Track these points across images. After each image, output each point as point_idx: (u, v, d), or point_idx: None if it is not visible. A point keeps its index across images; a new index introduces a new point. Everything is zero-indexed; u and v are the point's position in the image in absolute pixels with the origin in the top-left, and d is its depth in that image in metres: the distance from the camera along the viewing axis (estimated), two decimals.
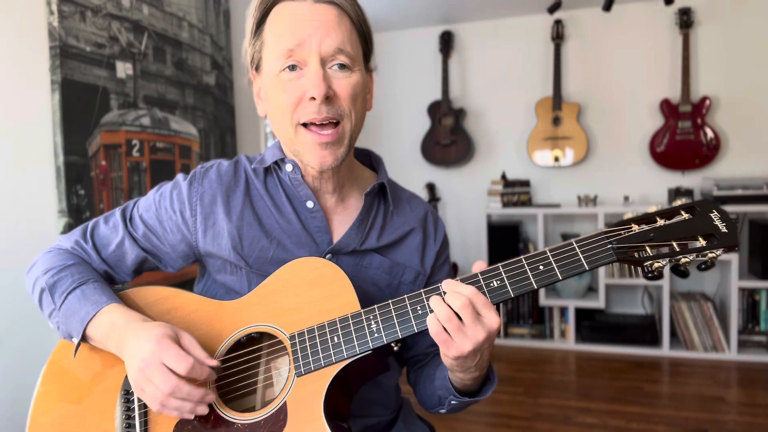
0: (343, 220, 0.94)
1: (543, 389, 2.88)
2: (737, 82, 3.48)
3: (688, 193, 3.29)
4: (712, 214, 0.73)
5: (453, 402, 0.87)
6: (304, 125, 0.82)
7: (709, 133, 3.43)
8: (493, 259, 3.62)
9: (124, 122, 1.93)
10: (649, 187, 3.68)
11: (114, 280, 0.97)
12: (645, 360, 3.27)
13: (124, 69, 1.93)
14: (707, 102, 3.44)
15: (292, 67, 0.81)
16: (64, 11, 1.69)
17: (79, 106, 1.75)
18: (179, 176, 0.95)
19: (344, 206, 0.95)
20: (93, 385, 0.88)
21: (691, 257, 0.72)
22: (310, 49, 0.80)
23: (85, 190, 1.77)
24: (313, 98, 0.79)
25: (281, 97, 0.82)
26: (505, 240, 3.63)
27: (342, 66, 0.82)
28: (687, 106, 3.45)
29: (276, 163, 0.92)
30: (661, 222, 0.74)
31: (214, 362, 0.78)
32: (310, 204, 0.91)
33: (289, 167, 0.90)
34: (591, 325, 3.49)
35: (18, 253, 1.57)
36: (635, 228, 0.74)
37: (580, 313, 3.57)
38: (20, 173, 1.61)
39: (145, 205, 0.95)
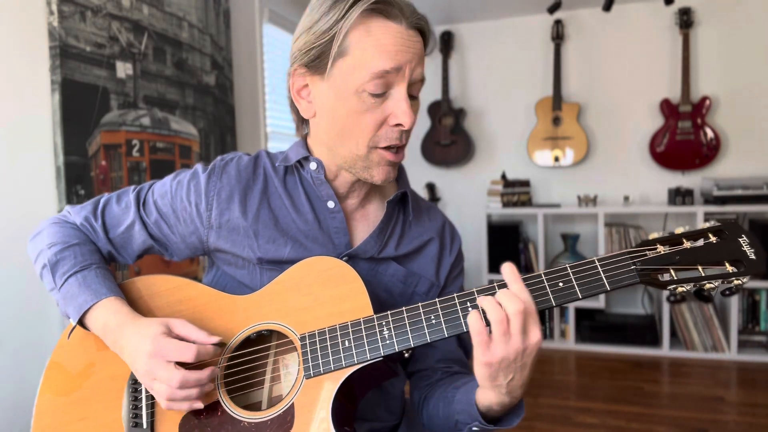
0: (361, 225, 0.93)
1: (543, 389, 2.88)
2: (737, 82, 3.48)
3: (688, 193, 3.29)
4: (740, 239, 0.71)
5: (474, 429, 0.81)
6: (379, 147, 0.82)
7: (709, 133, 3.43)
8: (493, 259, 3.62)
9: (124, 122, 1.93)
10: (649, 187, 3.68)
11: (117, 262, 0.96)
12: (645, 360, 3.27)
13: (124, 69, 1.93)
14: (707, 102, 3.44)
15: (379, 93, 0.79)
16: (64, 11, 1.69)
17: (79, 106, 1.75)
18: (198, 167, 0.93)
19: (364, 211, 0.94)
20: (99, 372, 0.87)
21: (716, 283, 0.69)
22: (403, 75, 0.79)
23: (85, 190, 1.77)
24: (399, 125, 0.80)
25: (361, 117, 0.80)
26: (505, 240, 3.63)
27: (415, 95, 0.84)
28: (687, 106, 3.45)
29: (298, 161, 0.91)
30: (687, 244, 0.71)
31: (215, 339, 0.79)
32: (331, 204, 0.90)
33: (313, 166, 0.90)
34: (591, 325, 3.49)
35: (18, 254, 1.57)
36: (660, 249, 0.72)
37: (580, 313, 3.57)
38: (20, 173, 1.61)
39: (160, 191, 0.93)
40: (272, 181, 0.92)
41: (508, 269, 0.72)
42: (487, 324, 0.70)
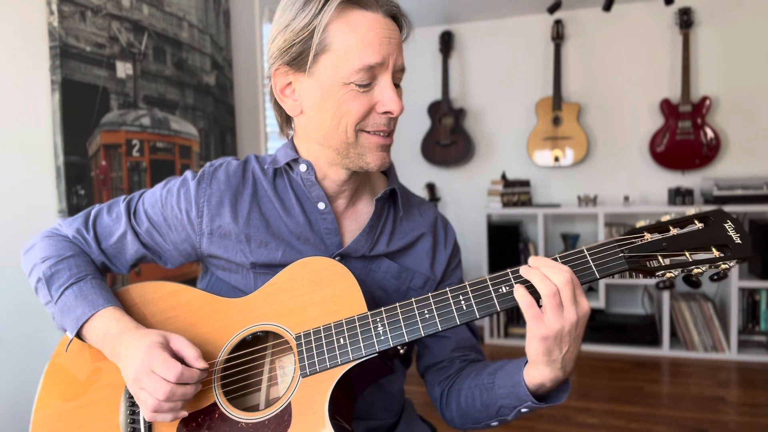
0: (352, 224, 0.93)
1: None
2: (737, 82, 3.48)
3: (688, 193, 3.29)
4: (726, 224, 0.72)
5: (523, 410, 0.80)
6: (366, 131, 0.83)
7: (709, 133, 3.43)
8: (493, 259, 3.62)
9: (124, 122, 1.93)
10: (649, 187, 3.68)
11: (110, 272, 0.97)
12: (645, 360, 3.27)
13: (124, 69, 1.93)
14: (707, 102, 3.44)
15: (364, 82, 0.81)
16: (64, 11, 1.69)
17: (79, 106, 1.75)
18: (188, 174, 0.93)
19: (354, 210, 0.94)
20: (97, 379, 0.88)
21: (703, 268, 0.71)
22: (387, 66, 0.81)
23: (85, 190, 1.77)
24: (388, 112, 0.82)
25: (348, 105, 0.81)
26: (505, 240, 3.63)
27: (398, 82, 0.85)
28: (687, 106, 3.45)
29: (287, 163, 0.91)
30: (674, 231, 0.73)
31: (203, 364, 0.78)
32: (321, 205, 0.90)
33: (303, 167, 0.89)
34: (591, 325, 3.49)
35: (18, 254, 1.57)
36: (648, 236, 0.73)
37: None
38: (20, 173, 1.61)
39: (151, 200, 0.93)
40: (262, 184, 0.92)
41: (534, 259, 0.73)
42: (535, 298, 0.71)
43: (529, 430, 2.46)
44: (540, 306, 0.71)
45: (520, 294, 0.71)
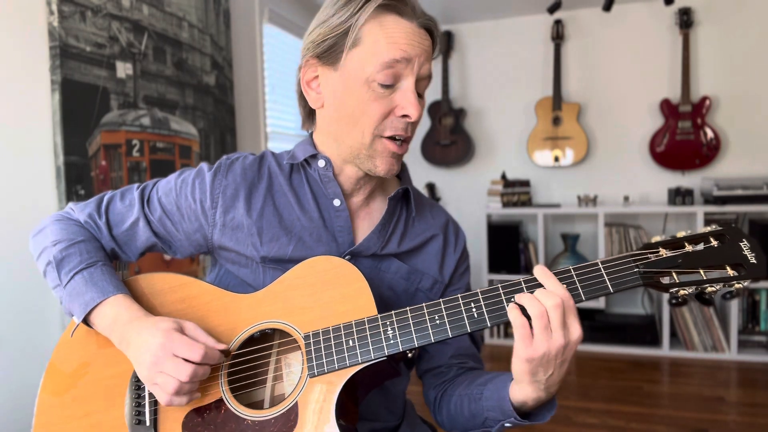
0: (365, 223, 0.93)
1: None
2: (737, 82, 3.48)
3: (688, 193, 3.29)
4: (741, 243, 0.72)
5: (507, 425, 0.82)
6: (384, 136, 0.84)
7: (709, 133, 3.43)
8: (493, 259, 3.62)
9: (124, 122, 1.93)
10: (649, 187, 3.68)
11: (119, 259, 0.96)
12: (645, 360, 3.27)
13: (124, 69, 1.93)
14: (707, 102, 3.44)
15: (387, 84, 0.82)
16: (64, 11, 1.69)
17: (79, 106, 1.75)
18: (203, 165, 0.94)
19: (368, 209, 0.95)
20: (102, 370, 0.87)
21: (717, 287, 0.71)
22: (412, 68, 0.82)
23: (85, 190, 1.77)
24: (406, 116, 0.82)
25: (369, 105, 0.82)
26: (505, 240, 3.63)
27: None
28: (687, 106, 3.45)
29: (305, 159, 0.92)
30: (689, 248, 0.73)
31: (222, 346, 0.79)
32: (336, 202, 0.91)
33: (321, 163, 0.90)
34: (591, 325, 3.49)
35: (18, 254, 1.57)
36: (663, 252, 0.73)
37: (580, 313, 3.54)
38: (20, 173, 1.61)
39: (165, 189, 0.93)
40: (277, 178, 0.92)
41: (539, 270, 0.74)
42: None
43: (529, 430, 2.46)
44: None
45: (515, 315, 0.72)
